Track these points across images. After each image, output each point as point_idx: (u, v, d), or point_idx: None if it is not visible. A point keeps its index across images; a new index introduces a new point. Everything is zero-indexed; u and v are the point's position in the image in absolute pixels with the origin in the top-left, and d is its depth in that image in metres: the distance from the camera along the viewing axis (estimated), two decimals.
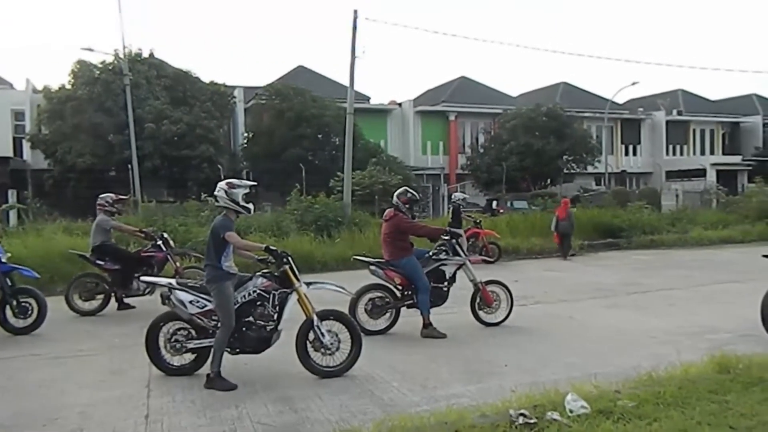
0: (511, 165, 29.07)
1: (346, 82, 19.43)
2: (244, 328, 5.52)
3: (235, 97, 30.57)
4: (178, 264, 9.26)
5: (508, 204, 24.51)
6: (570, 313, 8.50)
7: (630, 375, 4.81)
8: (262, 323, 5.54)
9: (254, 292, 5.54)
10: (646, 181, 37.90)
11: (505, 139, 31.07)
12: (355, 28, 17.93)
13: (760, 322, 6.50)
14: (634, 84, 39.18)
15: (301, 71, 36.22)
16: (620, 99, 38.53)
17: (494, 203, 24.40)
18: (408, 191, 7.65)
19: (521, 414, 3.83)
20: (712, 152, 40.98)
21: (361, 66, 61.97)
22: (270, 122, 27.85)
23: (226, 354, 5.45)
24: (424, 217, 23.21)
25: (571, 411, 3.90)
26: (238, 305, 5.47)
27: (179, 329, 5.64)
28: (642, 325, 7.57)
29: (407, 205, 7.50)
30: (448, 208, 27.20)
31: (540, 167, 30.40)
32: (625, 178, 37.59)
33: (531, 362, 6.02)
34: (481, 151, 33.24)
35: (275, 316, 5.55)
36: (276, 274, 5.61)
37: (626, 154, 40.03)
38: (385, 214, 7.70)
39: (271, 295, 5.55)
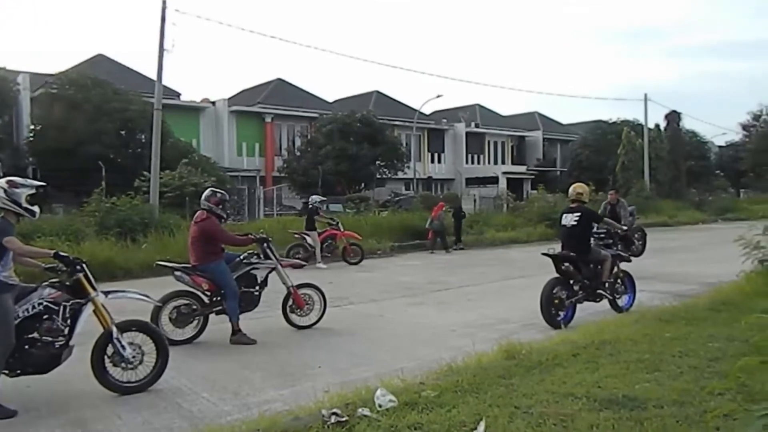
0: (327, 169, 29.63)
1: (153, 75, 18.21)
2: (27, 346, 4.86)
3: (18, 83, 26.88)
4: None
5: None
6: (380, 312, 8.90)
7: (433, 367, 5.17)
8: (50, 339, 4.92)
9: (40, 304, 4.91)
10: (449, 187, 41.30)
11: (321, 143, 31.60)
12: (163, 19, 16.91)
13: (540, 312, 7.47)
14: (438, 97, 42.40)
15: (101, 60, 33.07)
16: (427, 110, 41.45)
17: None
18: (216, 191, 7.46)
19: (333, 413, 3.90)
20: (503, 162, 46.09)
21: (171, 60, 58.32)
22: (63, 114, 24.86)
23: (3, 377, 4.75)
24: (239, 220, 22.60)
25: (380, 406, 4.07)
26: (19, 320, 4.80)
27: None
28: (444, 320, 8.20)
29: (219, 206, 7.31)
30: (265, 211, 26.95)
31: (354, 172, 31.41)
32: (432, 183, 40.62)
33: (343, 362, 6.18)
34: (298, 154, 33.42)
35: (66, 331, 4.97)
36: (67, 283, 5.04)
37: (432, 161, 43.23)
38: (196, 216, 7.36)
39: (61, 307, 4.96)
